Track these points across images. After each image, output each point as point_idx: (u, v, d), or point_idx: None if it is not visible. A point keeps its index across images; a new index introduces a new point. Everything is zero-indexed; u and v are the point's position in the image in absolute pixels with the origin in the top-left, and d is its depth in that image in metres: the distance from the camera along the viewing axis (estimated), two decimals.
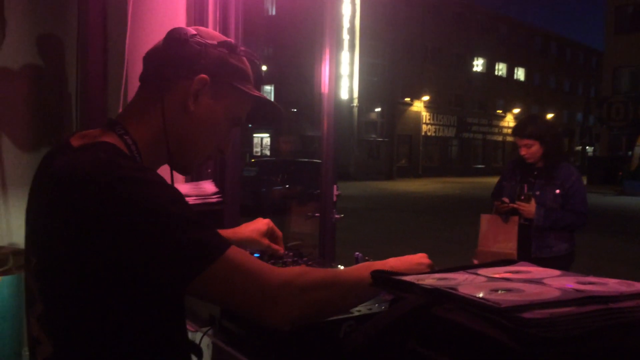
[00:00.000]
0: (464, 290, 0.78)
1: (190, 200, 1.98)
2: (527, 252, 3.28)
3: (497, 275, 0.91)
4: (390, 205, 17.65)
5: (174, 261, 0.90)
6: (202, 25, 2.26)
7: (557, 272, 0.93)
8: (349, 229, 10.64)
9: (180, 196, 0.96)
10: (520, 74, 48.38)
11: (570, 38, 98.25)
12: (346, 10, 29.59)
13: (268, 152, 34.20)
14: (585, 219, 3.29)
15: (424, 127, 39.67)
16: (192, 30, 1.06)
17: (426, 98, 38.59)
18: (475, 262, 3.44)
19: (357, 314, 1.11)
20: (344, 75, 30.73)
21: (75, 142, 1.01)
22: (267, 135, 35.38)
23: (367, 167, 33.63)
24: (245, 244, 1.55)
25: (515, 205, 3.26)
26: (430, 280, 0.87)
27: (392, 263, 1.11)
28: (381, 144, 36.28)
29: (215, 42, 1.07)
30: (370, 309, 1.13)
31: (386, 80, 35.36)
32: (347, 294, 1.03)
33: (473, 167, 42.98)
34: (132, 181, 0.91)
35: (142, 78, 1.09)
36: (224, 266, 0.92)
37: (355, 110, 32.70)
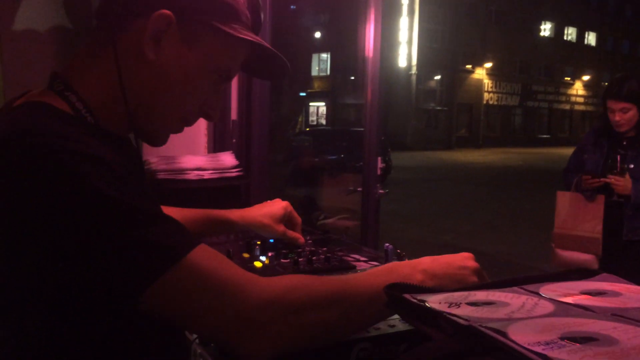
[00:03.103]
0: (516, 334, 0.50)
1: (206, 175, 1.75)
2: (618, 236, 2.89)
3: (568, 300, 0.63)
4: (446, 176, 17.07)
5: (108, 269, 0.65)
6: None
7: None
8: (401, 200, 10.32)
9: (128, 176, 0.70)
10: (591, 38, 45.56)
11: None
12: None
13: (324, 121, 33.91)
14: None
15: (486, 96, 38.19)
16: None
17: (489, 65, 37.07)
18: (553, 245, 3.08)
19: (374, 332, 0.84)
20: (402, 42, 29.84)
21: (18, 102, 0.79)
22: (323, 104, 35.06)
23: (424, 136, 32.79)
24: (255, 228, 1.31)
25: (608, 180, 2.86)
26: (467, 307, 0.59)
27: (426, 265, 0.83)
28: (440, 113, 35.23)
29: None
30: (392, 326, 0.86)
31: (447, 46, 34.07)
32: (357, 313, 0.76)
33: (538, 138, 41.16)
34: (53, 152, 0.66)
35: (96, 16, 0.83)
36: (182, 275, 0.67)
37: (414, 78, 31.82)
